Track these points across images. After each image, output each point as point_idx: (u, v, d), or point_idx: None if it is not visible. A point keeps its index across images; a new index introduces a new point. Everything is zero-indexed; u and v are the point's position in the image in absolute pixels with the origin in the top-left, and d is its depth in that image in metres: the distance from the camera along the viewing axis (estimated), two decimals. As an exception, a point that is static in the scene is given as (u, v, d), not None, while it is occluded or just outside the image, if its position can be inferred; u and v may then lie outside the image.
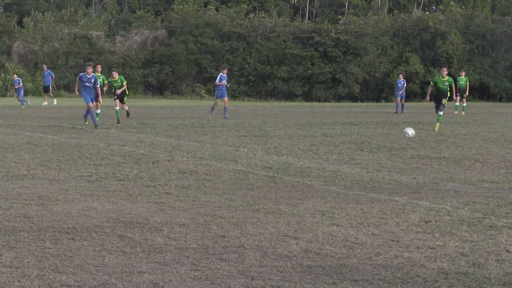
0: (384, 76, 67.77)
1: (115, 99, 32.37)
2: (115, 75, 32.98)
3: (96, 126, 27.13)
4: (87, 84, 27.64)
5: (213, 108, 35.86)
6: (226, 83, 35.63)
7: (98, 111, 31.29)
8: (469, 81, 44.26)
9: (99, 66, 35.83)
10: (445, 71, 28.19)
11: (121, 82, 32.74)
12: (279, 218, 11.58)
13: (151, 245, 9.75)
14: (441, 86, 27.87)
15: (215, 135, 25.42)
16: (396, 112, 43.03)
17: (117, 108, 31.71)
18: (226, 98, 35.52)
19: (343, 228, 10.93)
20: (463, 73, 44.48)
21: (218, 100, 35.64)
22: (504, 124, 33.21)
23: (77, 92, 29.62)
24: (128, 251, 9.42)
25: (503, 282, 8.30)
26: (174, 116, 36.91)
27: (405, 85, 45.76)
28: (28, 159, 18.28)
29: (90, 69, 27.72)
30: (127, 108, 33.66)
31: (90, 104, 27.77)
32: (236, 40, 69.35)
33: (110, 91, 35.15)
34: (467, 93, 43.20)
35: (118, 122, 30.20)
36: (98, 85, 27.93)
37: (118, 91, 32.57)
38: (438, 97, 28.03)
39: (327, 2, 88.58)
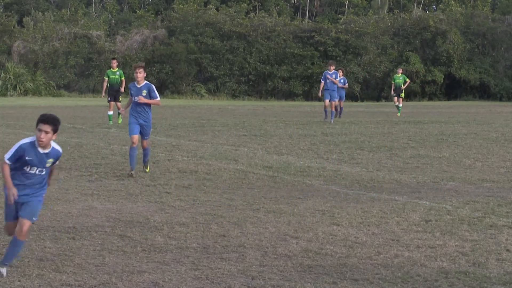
0: (384, 75, 67.66)
1: (108, 101, 29.86)
2: (114, 64, 30.11)
3: (146, 164, 16.79)
4: (137, 98, 16.45)
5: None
6: (335, 82, 32.76)
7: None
8: (407, 79, 40.31)
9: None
10: None
11: (120, 76, 29.76)
12: (279, 218, 11.58)
13: (151, 244, 9.75)
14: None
15: (215, 134, 25.41)
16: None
17: (110, 112, 29.85)
18: (333, 101, 32.87)
19: (343, 228, 10.93)
20: (400, 71, 40.69)
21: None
22: (504, 123, 33.20)
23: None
24: (129, 250, 9.42)
25: (504, 281, 8.30)
26: (174, 115, 36.89)
27: (346, 84, 36.81)
28: (28, 158, 18.24)
29: (140, 73, 16.49)
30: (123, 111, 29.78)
31: (135, 137, 16.52)
32: (236, 40, 69.28)
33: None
34: (402, 91, 38.89)
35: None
36: (158, 98, 16.56)
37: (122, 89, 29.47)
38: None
39: (327, 1, 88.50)
